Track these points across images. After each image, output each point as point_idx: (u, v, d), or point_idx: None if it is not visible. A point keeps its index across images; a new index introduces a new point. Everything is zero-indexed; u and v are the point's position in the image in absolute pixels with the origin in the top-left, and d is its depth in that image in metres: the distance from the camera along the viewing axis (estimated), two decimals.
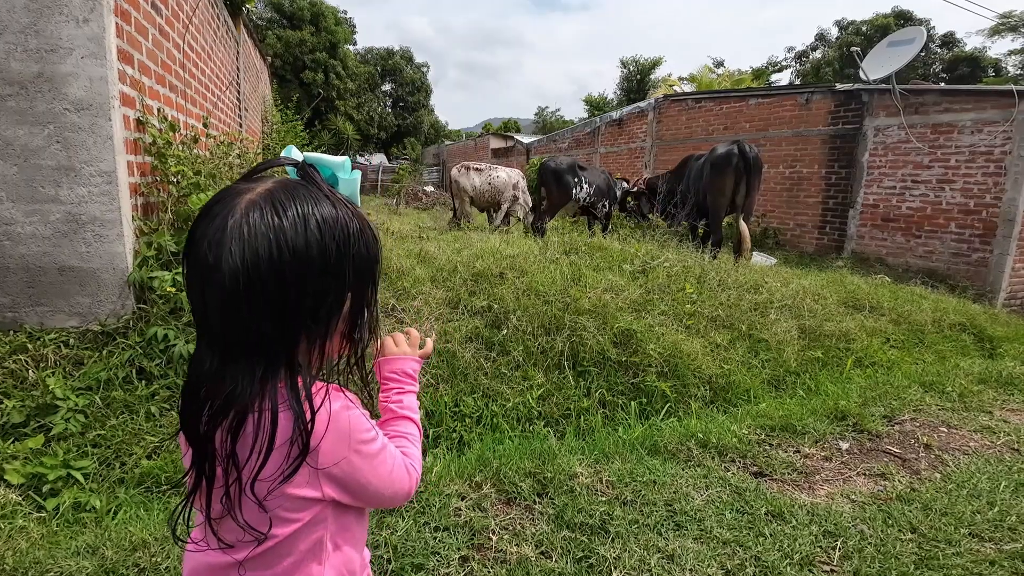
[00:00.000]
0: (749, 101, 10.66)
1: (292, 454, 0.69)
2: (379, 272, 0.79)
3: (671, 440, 2.64)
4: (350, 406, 0.75)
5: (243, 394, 0.67)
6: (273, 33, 27.42)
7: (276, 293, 0.65)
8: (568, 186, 7.73)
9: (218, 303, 0.65)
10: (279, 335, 0.67)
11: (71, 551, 1.75)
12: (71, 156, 2.86)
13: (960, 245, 7.73)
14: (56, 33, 2.80)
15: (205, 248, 0.65)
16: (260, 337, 0.66)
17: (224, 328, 0.67)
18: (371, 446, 0.78)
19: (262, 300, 0.64)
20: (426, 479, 2.14)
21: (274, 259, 0.64)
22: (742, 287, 4.85)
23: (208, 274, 0.64)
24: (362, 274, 0.74)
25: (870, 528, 2.05)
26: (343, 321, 0.75)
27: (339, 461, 0.73)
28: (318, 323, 0.70)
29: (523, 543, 1.83)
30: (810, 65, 34.90)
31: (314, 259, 0.66)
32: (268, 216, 0.65)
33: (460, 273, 4.27)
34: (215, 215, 0.66)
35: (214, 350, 0.68)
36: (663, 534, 1.94)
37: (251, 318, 0.65)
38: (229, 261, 0.63)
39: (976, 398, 3.49)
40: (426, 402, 2.94)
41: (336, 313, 0.72)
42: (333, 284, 0.70)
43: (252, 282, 0.63)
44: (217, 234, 0.64)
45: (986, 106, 7.43)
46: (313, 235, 0.66)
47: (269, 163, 0.74)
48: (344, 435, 0.73)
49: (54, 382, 2.60)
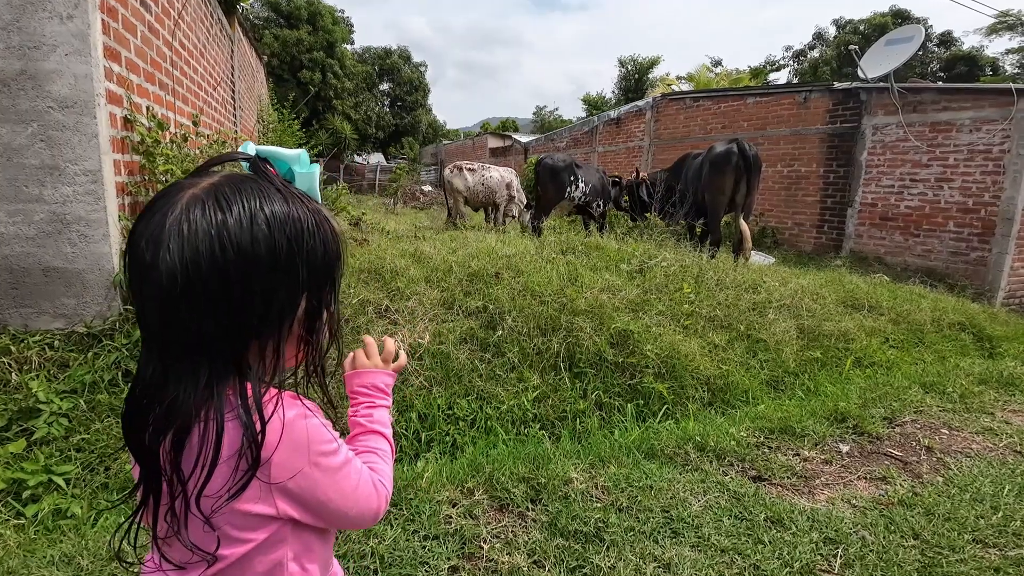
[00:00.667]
0: (747, 100, 10.62)
1: (241, 467, 0.63)
2: (340, 271, 0.73)
3: (668, 443, 2.59)
4: (307, 414, 0.69)
5: (186, 402, 0.62)
6: (270, 32, 27.30)
7: (219, 293, 0.60)
8: (563, 184, 7.67)
9: (156, 304, 0.61)
10: (224, 338, 0.62)
11: (47, 560, 1.69)
12: (55, 155, 2.80)
13: (959, 244, 7.70)
14: (39, 30, 2.74)
15: (143, 246, 0.60)
16: (203, 340, 0.62)
17: (164, 331, 0.62)
18: (332, 459, 0.71)
19: (203, 301, 0.60)
20: (416, 485, 2.09)
21: (216, 257, 0.59)
22: (740, 287, 4.80)
23: (145, 273, 0.60)
24: (318, 273, 0.69)
25: (872, 534, 2.00)
26: (298, 324, 0.70)
27: (295, 475, 0.67)
28: (269, 325, 0.65)
29: (515, 552, 1.78)
30: (808, 64, 34.88)
31: (261, 257, 0.62)
32: (210, 212, 0.60)
33: (455, 273, 4.22)
34: (155, 211, 0.62)
35: (156, 355, 0.63)
36: (659, 542, 1.89)
37: (192, 320, 0.60)
38: (167, 260, 0.58)
39: (977, 399, 3.44)
40: (419, 405, 2.88)
41: (289, 315, 0.67)
42: (284, 283, 0.65)
43: (192, 282, 0.59)
44: (155, 231, 0.60)
45: (984, 104, 7.40)
46: (261, 231, 0.62)
47: (220, 158, 0.69)
48: (300, 446, 0.67)
49: (37, 385, 2.55)
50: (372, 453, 0.86)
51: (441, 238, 6.13)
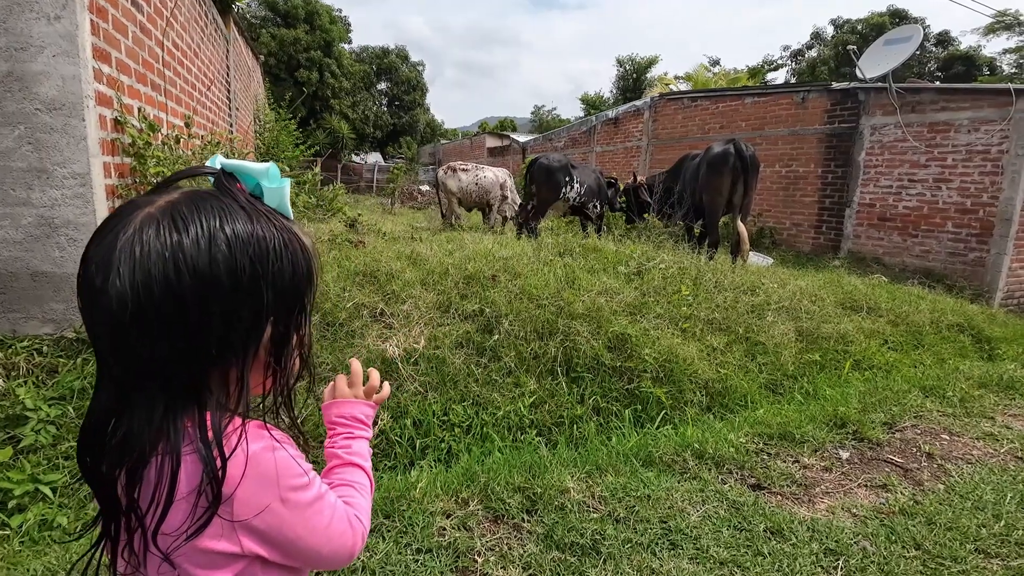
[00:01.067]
0: (745, 100, 10.59)
1: (201, 504, 0.59)
2: (311, 293, 0.69)
3: (666, 450, 2.56)
4: (275, 446, 0.64)
5: (140, 434, 0.58)
6: (267, 32, 27.19)
7: (174, 319, 0.56)
8: (558, 184, 7.62)
9: (107, 330, 0.57)
10: (181, 367, 0.58)
11: (30, 574, 1.65)
12: (43, 158, 2.76)
13: (957, 245, 7.68)
14: (26, 31, 2.69)
15: (92, 269, 0.56)
16: (157, 369, 0.58)
17: (116, 358, 0.58)
18: (303, 494, 0.66)
19: (157, 327, 0.56)
20: (410, 496, 2.04)
21: (171, 280, 0.55)
22: (739, 289, 4.77)
23: (95, 298, 0.56)
24: (285, 296, 0.65)
25: (873, 545, 1.97)
26: (264, 350, 0.66)
27: (261, 512, 0.62)
28: (230, 353, 0.61)
29: (510, 565, 1.74)
30: (806, 64, 34.88)
31: (221, 279, 0.58)
32: (165, 232, 0.56)
33: (451, 276, 4.17)
34: (107, 232, 0.58)
35: (109, 383, 0.60)
36: (657, 554, 1.85)
37: (144, 347, 0.56)
38: (116, 284, 0.55)
39: (977, 403, 3.42)
40: (414, 411, 2.84)
41: (253, 341, 0.63)
42: (247, 308, 0.61)
43: (143, 307, 0.55)
44: (106, 253, 0.56)
45: (983, 105, 7.38)
46: (220, 252, 0.58)
47: (182, 173, 0.65)
48: (268, 481, 0.62)
49: (25, 392, 2.50)
50: (348, 486, 0.81)
51: (438, 239, 6.09)
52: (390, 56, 35.70)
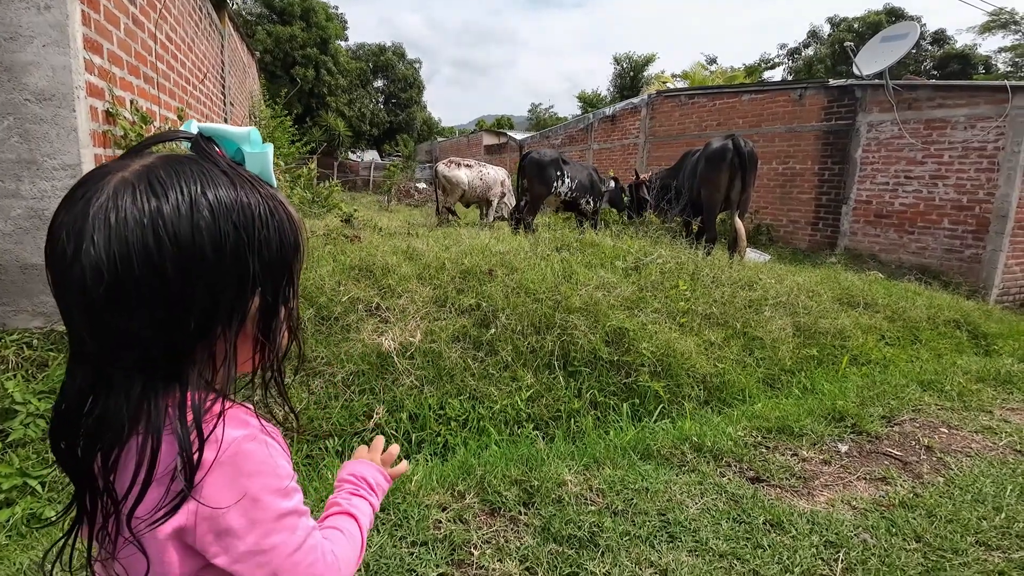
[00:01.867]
0: (742, 97, 10.58)
1: (173, 488, 0.55)
2: (299, 263, 0.65)
3: (664, 444, 2.54)
4: (256, 436, 0.59)
5: (118, 415, 0.54)
6: (263, 28, 27.07)
7: (154, 292, 0.52)
8: (549, 179, 7.60)
9: (80, 305, 0.52)
10: (161, 343, 0.55)
11: (16, 569, 1.62)
12: (32, 149, 2.72)
13: (953, 241, 7.69)
14: (15, 20, 2.65)
15: (63, 238, 0.52)
16: (135, 345, 0.54)
17: (91, 334, 0.54)
18: (281, 502, 0.59)
19: (135, 301, 0.52)
20: (405, 489, 2.02)
21: (150, 250, 0.51)
22: (736, 284, 4.76)
23: (66, 270, 0.52)
24: (273, 266, 0.61)
25: (873, 537, 1.95)
26: (252, 323, 0.62)
27: (227, 507, 0.56)
28: (214, 327, 0.57)
29: (507, 558, 1.72)
30: (803, 62, 34.95)
31: (204, 248, 0.54)
32: (142, 198, 0.52)
33: (448, 270, 4.15)
34: (77, 199, 0.53)
35: (83, 361, 0.56)
36: (656, 547, 1.83)
37: (121, 323, 0.52)
38: (91, 254, 0.50)
39: (975, 397, 3.41)
40: (409, 405, 2.82)
41: (239, 314, 0.59)
42: (232, 279, 0.57)
43: (121, 279, 0.51)
44: (77, 221, 0.52)
45: (979, 102, 7.38)
46: (203, 219, 0.54)
47: (156, 137, 0.60)
48: (241, 473, 0.57)
49: (14, 386, 2.47)
50: (336, 530, 0.74)
51: (434, 235, 6.05)
52: (387, 53, 35.60)
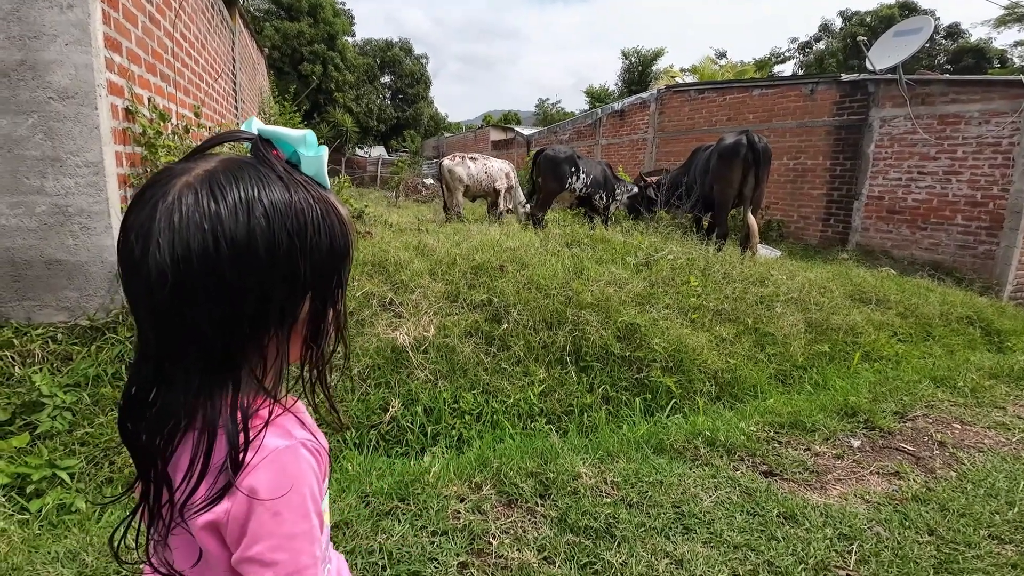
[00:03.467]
0: (753, 92, 10.52)
1: (219, 482, 0.57)
2: (348, 266, 0.67)
3: (677, 438, 2.56)
4: (297, 450, 0.61)
5: (177, 407, 0.57)
6: (271, 25, 27.17)
7: (212, 293, 0.54)
8: (564, 175, 7.61)
9: (147, 303, 0.55)
10: (218, 341, 0.57)
11: (51, 557, 1.67)
12: (56, 146, 2.77)
13: (966, 237, 7.62)
14: (39, 19, 2.70)
15: (132, 239, 0.55)
16: (195, 343, 0.56)
17: (155, 331, 0.57)
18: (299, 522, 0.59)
19: (195, 301, 0.54)
20: (423, 480, 2.06)
21: (209, 253, 0.53)
22: (747, 280, 4.76)
23: (135, 269, 0.54)
24: (324, 271, 0.62)
25: (886, 530, 1.97)
26: (302, 325, 0.64)
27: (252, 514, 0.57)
28: (267, 327, 0.59)
29: (525, 548, 1.75)
30: (814, 56, 34.61)
31: (258, 252, 0.55)
32: (204, 202, 0.54)
33: (459, 266, 4.18)
34: (146, 201, 0.56)
35: (148, 355, 0.59)
36: (671, 538, 1.86)
37: (182, 322, 0.55)
38: (156, 256, 0.53)
39: (988, 393, 3.40)
40: (424, 399, 2.86)
41: (291, 315, 0.61)
42: (284, 283, 0.58)
43: (183, 280, 0.53)
44: (145, 223, 0.54)
45: (994, 97, 7.30)
46: (258, 224, 0.55)
47: (219, 138, 0.62)
48: (272, 483, 0.58)
49: (40, 379, 2.53)
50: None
51: (444, 231, 6.09)
52: (393, 49, 35.62)
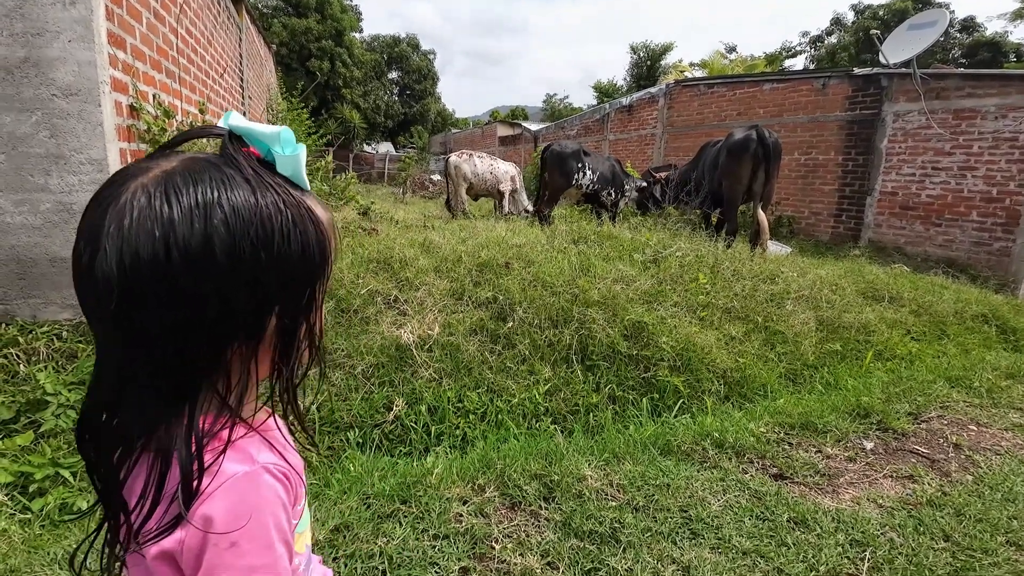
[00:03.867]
0: (763, 86, 10.38)
1: (171, 512, 0.52)
2: (326, 276, 0.61)
3: (685, 439, 2.52)
4: (258, 476, 0.55)
5: (128, 428, 0.53)
6: (279, 21, 27.19)
7: (165, 305, 0.49)
8: (571, 171, 7.54)
9: (96, 314, 0.51)
10: (172, 358, 0.52)
11: (50, 559, 1.66)
12: (60, 144, 2.76)
13: (982, 234, 7.49)
14: (42, 16, 2.69)
15: (82, 245, 0.50)
16: (146, 359, 0.51)
17: (105, 345, 0.53)
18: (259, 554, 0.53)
19: (146, 314, 0.49)
20: (426, 482, 2.03)
21: (159, 261, 0.48)
22: (757, 277, 4.69)
23: (83, 277, 0.50)
24: (294, 282, 0.56)
25: (900, 536, 1.92)
26: (269, 340, 0.58)
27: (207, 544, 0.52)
28: (227, 343, 0.54)
29: (528, 553, 1.72)
30: (825, 50, 34.15)
31: (217, 262, 0.50)
32: (157, 205, 0.49)
33: (464, 263, 4.15)
34: (99, 203, 0.51)
35: (101, 369, 0.54)
36: (678, 543, 1.82)
37: (133, 335, 0.50)
38: (104, 263, 0.48)
39: (1005, 394, 3.33)
40: (428, 398, 2.83)
41: (255, 331, 0.55)
42: (247, 294, 0.53)
43: (132, 290, 0.48)
44: (95, 228, 0.49)
45: (1011, 91, 7.15)
46: (216, 231, 0.50)
47: (189, 133, 0.58)
48: (229, 513, 0.52)
49: (45, 377, 2.52)
50: None
51: (450, 228, 6.06)
52: (401, 45, 35.58)
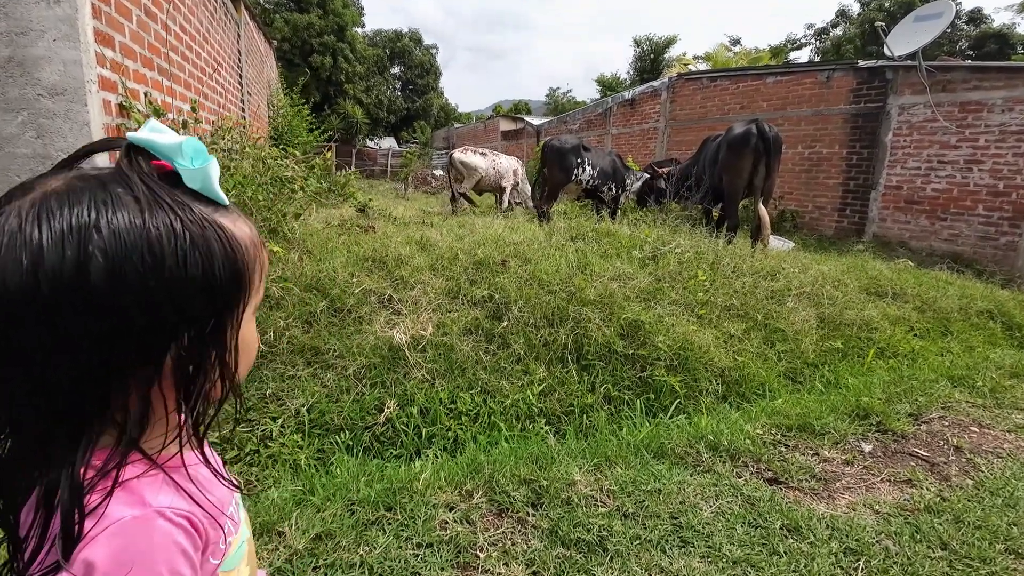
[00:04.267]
0: (767, 79, 10.26)
1: (51, 557, 0.48)
2: (240, 300, 0.55)
3: (679, 442, 2.47)
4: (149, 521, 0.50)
5: (12, 463, 0.49)
6: (280, 16, 27.13)
7: (39, 336, 0.45)
8: (570, 167, 7.48)
9: None
10: (53, 390, 0.47)
11: None
12: (47, 144, 2.73)
13: (988, 228, 7.39)
14: (26, 15, 2.65)
15: None
16: (25, 390, 0.47)
17: None
18: None
19: (19, 344, 0.45)
20: (412, 488, 2.00)
21: (28, 291, 0.44)
22: (758, 274, 4.63)
23: None
24: (193, 309, 0.51)
25: (896, 544, 1.87)
26: (169, 375, 0.53)
27: None
28: (118, 375, 0.49)
29: (513, 562, 1.68)
30: (830, 42, 33.77)
31: (94, 291, 0.46)
32: (27, 230, 0.45)
33: (461, 261, 4.11)
34: None
35: None
36: (667, 552, 1.78)
37: (8, 365, 0.46)
38: None
39: (1009, 394, 3.27)
40: (420, 399, 2.79)
41: (149, 362, 0.51)
42: (133, 323, 0.48)
43: (4, 315, 0.44)
44: None
45: (1018, 83, 7.04)
46: (92, 257, 0.45)
47: (90, 146, 0.54)
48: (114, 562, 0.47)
49: None
50: None
51: (448, 224, 6.02)
52: (403, 40, 35.46)
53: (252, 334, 0.63)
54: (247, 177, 3.81)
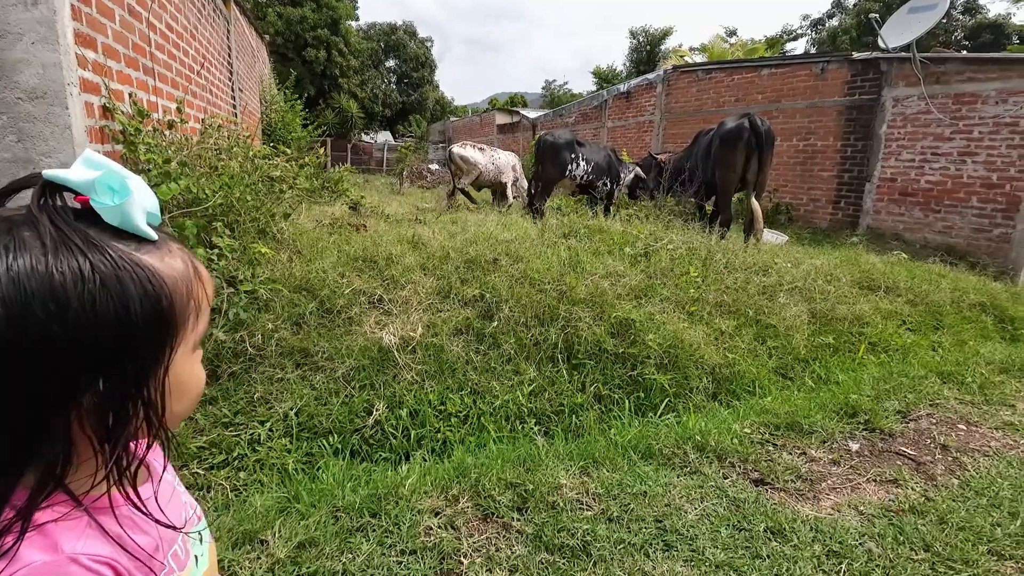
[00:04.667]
0: (762, 71, 10.22)
1: None
2: (166, 340, 0.54)
3: (667, 442, 2.47)
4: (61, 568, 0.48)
5: None
6: (273, 11, 26.87)
7: None
8: (564, 162, 7.45)
9: None
10: None
11: None
12: (28, 148, 2.70)
13: (981, 220, 7.39)
14: (4, 18, 2.62)
15: None
16: None
17: None
18: None
19: None
20: (398, 493, 1.99)
21: None
22: (750, 269, 4.63)
23: None
24: (106, 353, 0.49)
25: (879, 546, 1.88)
26: (85, 420, 0.51)
27: None
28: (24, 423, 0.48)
29: (496, 568, 1.69)
30: (826, 33, 33.64)
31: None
32: None
33: (452, 260, 4.10)
34: None
35: None
36: (650, 556, 1.78)
37: None
38: None
39: (998, 390, 3.27)
40: (409, 401, 2.79)
41: (57, 413, 0.49)
42: (43, 371, 0.47)
43: None
44: None
45: (1012, 75, 7.02)
46: None
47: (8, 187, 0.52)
48: None
49: None
50: None
51: (442, 221, 5.99)
52: (398, 33, 35.22)
53: (190, 373, 0.60)
54: (234, 177, 3.78)
